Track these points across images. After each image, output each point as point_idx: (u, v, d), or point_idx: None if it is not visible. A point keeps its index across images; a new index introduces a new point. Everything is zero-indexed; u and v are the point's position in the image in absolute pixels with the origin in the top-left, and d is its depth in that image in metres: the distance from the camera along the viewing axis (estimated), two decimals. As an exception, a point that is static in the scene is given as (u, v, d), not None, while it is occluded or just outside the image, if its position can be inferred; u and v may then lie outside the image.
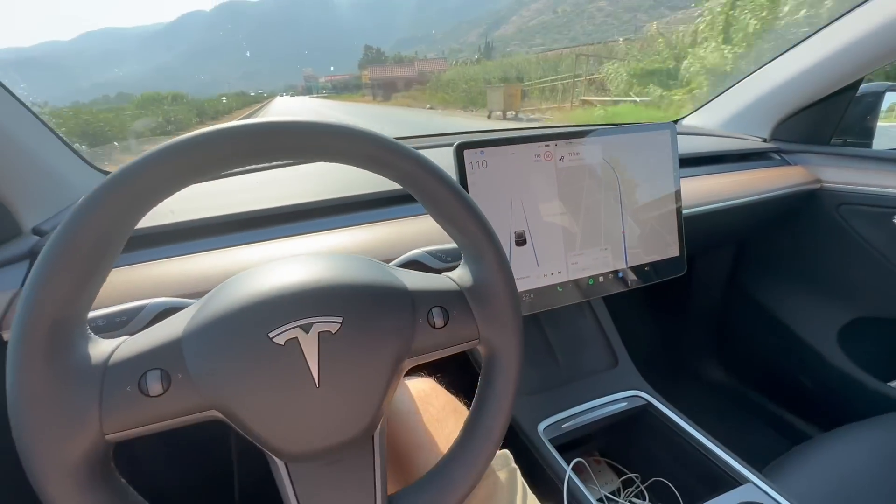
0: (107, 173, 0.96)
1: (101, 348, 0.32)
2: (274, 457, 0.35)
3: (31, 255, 0.69)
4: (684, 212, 0.83)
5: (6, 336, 0.60)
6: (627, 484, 0.83)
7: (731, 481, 0.67)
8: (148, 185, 0.31)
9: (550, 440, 0.74)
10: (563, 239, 0.72)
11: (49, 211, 0.77)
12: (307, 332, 0.34)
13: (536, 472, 0.72)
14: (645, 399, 0.84)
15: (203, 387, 0.32)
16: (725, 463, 0.70)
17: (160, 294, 0.53)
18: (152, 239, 0.68)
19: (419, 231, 0.71)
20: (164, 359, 0.32)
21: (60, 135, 0.84)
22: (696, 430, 0.76)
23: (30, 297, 0.29)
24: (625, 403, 0.83)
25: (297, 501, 0.35)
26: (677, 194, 0.81)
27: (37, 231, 0.73)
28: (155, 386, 0.31)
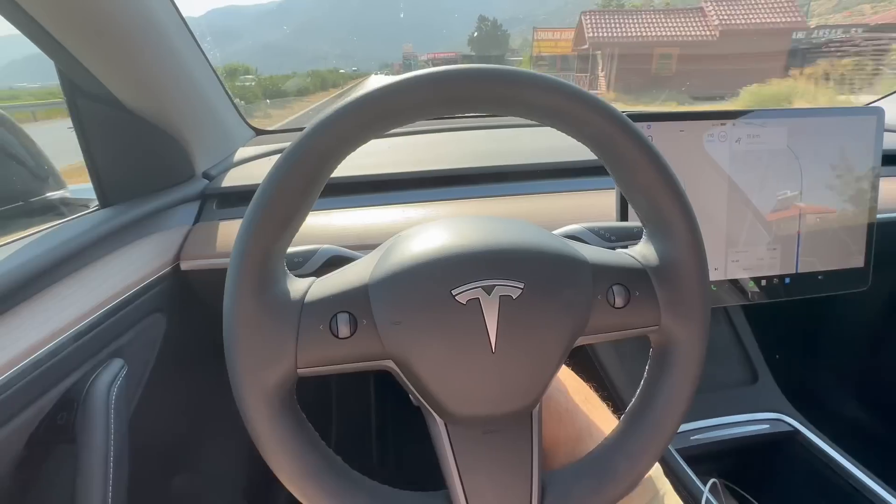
0: (255, 129, 1.05)
1: (298, 285, 0.33)
2: (436, 416, 0.34)
3: (203, 196, 0.78)
4: (879, 216, 0.69)
5: (185, 266, 0.67)
6: (759, 517, 0.74)
7: None
8: (354, 126, 0.31)
9: (678, 450, 0.68)
10: (727, 232, 0.64)
11: (214, 158, 0.85)
12: (489, 294, 0.32)
13: None
14: (791, 425, 0.73)
15: (385, 335, 0.32)
16: None
17: (323, 242, 0.56)
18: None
19: (573, 207, 0.68)
20: (353, 303, 0.33)
21: (228, 92, 0.92)
22: (857, 468, 0.65)
23: (248, 232, 0.31)
24: (766, 426, 0.73)
25: (457, 463, 0.34)
26: (874, 194, 0.68)
27: (206, 175, 0.81)
28: (343, 329, 0.32)
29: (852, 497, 0.63)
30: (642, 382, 0.39)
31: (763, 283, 0.67)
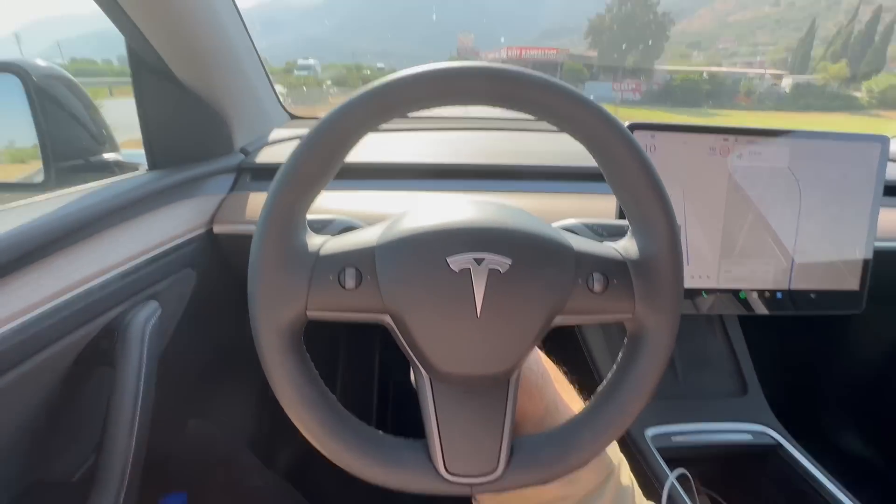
0: (290, 113, 1.12)
1: (314, 240, 0.39)
2: (423, 370, 0.39)
3: (239, 169, 0.85)
4: (877, 244, 0.71)
5: (217, 229, 0.74)
6: (732, 525, 0.76)
7: None
8: (382, 105, 0.36)
9: (658, 449, 0.71)
10: (721, 242, 0.67)
11: (252, 136, 0.93)
12: (479, 265, 0.37)
13: (634, 475, 0.70)
14: (774, 438, 0.75)
15: (385, 292, 0.37)
16: None
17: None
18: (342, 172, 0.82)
19: (574, 207, 0.72)
20: (360, 260, 0.38)
21: (269, 77, 0.99)
22: (836, 486, 0.67)
23: (279, 186, 0.36)
24: (748, 437, 0.75)
25: (437, 416, 0.39)
26: (873, 221, 0.69)
27: (243, 150, 0.89)
28: (350, 281, 0.37)
29: None
30: (614, 366, 0.43)
31: (755, 295, 0.70)
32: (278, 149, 0.92)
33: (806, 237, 0.69)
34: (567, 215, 0.72)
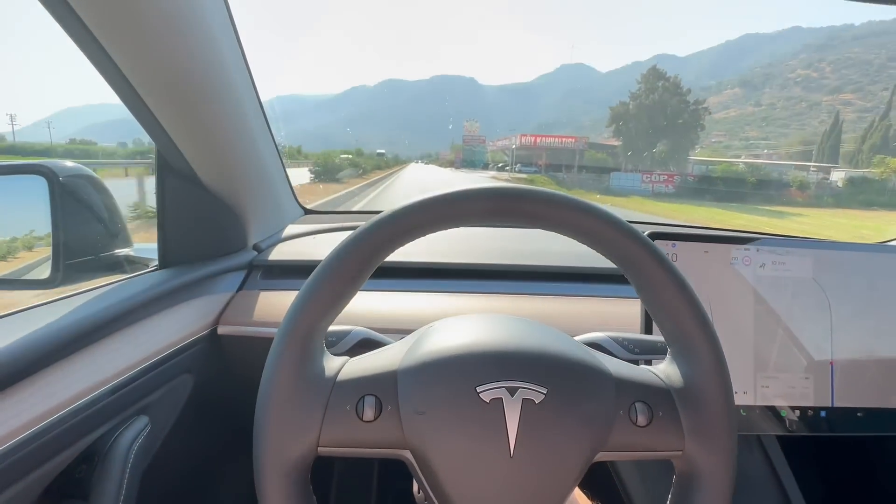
0: (305, 208, 1.14)
1: (333, 363, 0.36)
2: None
3: (250, 266, 0.84)
4: (920, 358, 0.67)
5: (221, 330, 0.71)
6: None
7: None
8: (407, 226, 0.35)
9: None
10: (755, 355, 0.63)
11: (266, 232, 0.93)
12: (512, 396, 0.33)
13: None
14: None
15: (407, 424, 0.33)
16: None
17: (354, 323, 0.59)
18: None
19: (595, 313, 0.69)
20: (381, 387, 0.34)
21: (286, 171, 1.03)
22: None
23: (299, 307, 0.34)
24: None
25: None
26: (910, 333, 0.66)
27: (256, 247, 0.88)
28: (369, 412, 0.33)
29: None
30: None
31: (797, 413, 0.64)
32: (291, 245, 0.92)
33: (843, 350, 0.65)
34: (587, 321, 0.70)
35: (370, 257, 0.35)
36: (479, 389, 0.33)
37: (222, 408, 0.76)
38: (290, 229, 0.99)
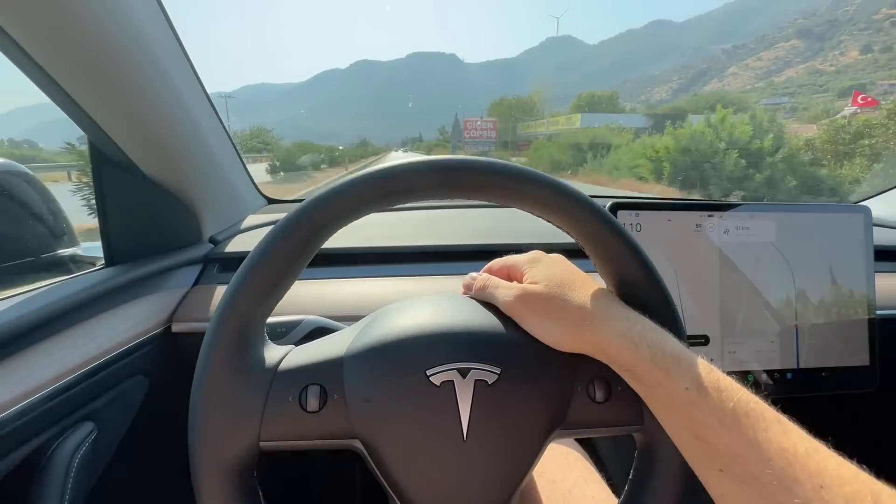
0: (268, 198, 1.10)
1: (273, 353, 0.33)
2: None
3: (206, 260, 0.80)
4: (880, 313, 0.68)
5: (175, 328, 0.68)
6: None
7: None
8: (342, 208, 0.33)
9: None
10: (721, 321, 0.63)
11: (223, 224, 0.89)
12: (464, 377, 0.32)
13: None
14: None
15: (354, 413, 0.32)
16: None
17: (310, 311, 0.56)
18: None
19: None
20: (325, 376, 0.32)
21: (243, 160, 0.98)
22: None
23: (231, 297, 0.31)
24: None
25: None
26: (870, 291, 0.67)
27: (212, 240, 0.84)
28: (313, 402, 0.32)
29: None
30: (627, 484, 0.36)
31: (764, 376, 0.64)
32: (251, 236, 0.88)
33: (806, 312, 0.65)
34: None
35: (307, 241, 0.33)
36: (429, 373, 0.32)
37: (180, 412, 0.72)
38: (251, 220, 0.95)
